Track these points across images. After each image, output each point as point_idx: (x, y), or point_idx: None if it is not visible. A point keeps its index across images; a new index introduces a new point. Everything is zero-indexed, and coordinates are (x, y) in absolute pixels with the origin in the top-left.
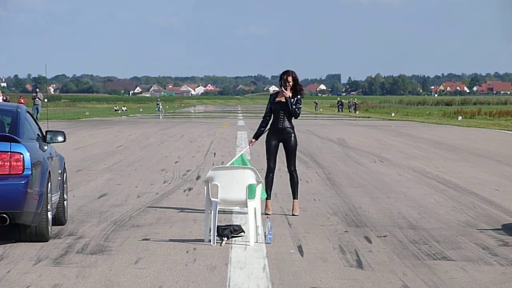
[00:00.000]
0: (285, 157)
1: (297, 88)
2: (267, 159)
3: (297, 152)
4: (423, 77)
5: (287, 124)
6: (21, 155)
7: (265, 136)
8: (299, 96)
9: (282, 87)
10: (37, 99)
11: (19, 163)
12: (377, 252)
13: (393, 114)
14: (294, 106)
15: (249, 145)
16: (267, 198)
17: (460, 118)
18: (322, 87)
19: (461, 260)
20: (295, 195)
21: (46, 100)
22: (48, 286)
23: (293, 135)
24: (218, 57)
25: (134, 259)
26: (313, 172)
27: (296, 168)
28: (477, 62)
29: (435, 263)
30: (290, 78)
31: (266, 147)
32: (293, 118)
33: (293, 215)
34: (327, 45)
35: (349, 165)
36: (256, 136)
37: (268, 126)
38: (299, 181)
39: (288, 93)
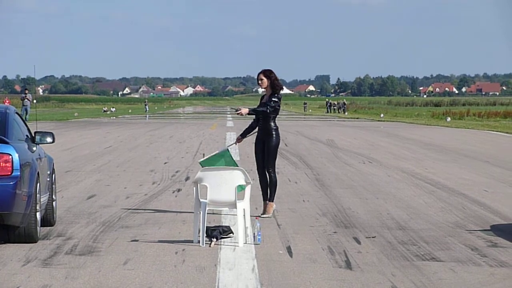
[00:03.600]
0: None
1: (273, 85)
2: (256, 160)
3: (287, 154)
4: (412, 78)
5: (268, 125)
6: (10, 156)
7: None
8: (275, 94)
9: (239, 108)
10: (26, 100)
11: (7, 164)
12: (366, 253)
13: (382, 115)
14: (266, 107)
15: (235, 143)
16: (265, 200)
17: (449, 119)
18: (311, 88)
19: (450, 261)
20: (271, 197)
21: (35, 101)
22: (37, 287)
23: (274, 136)
24: (207, 58)
25: (123, 260)
26: (302, 173)
27: (275, 170)
28: (466, 63)
29: (424, 264)
30: (261, 76)
31: (254, 148)
32: (275, 118)
33: (265, 215)
34: (316, 46)
35: (338, 166)
36: (243, 135)
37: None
38: (288, 181)
39: (245, 111)
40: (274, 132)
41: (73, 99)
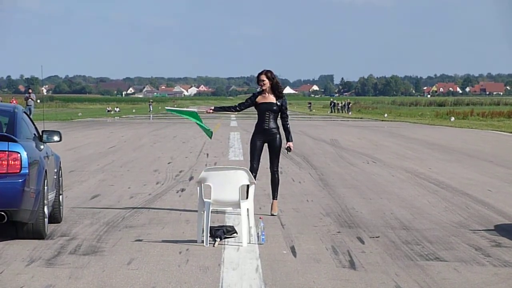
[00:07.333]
0: (268, 157)
1: (275, 87)
2: (250, 159)
3: (291, 154)
4: (416, 78)
5: (272, 124)
6: (19, 155)
7: (250, 136)
8: (285, 98)
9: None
10: (30, 99)
11: (16, 162)
12: (369, 253)
13: (386, 115)
14: (286, 119)
15: (206, 111)
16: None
17: (452, 118)
18: (315, 87)
19: (453, 261)
20: (274, 195)
21: (39, 101)
22: (40, 287)
23: (278, 136)
24: (211, 58)
25: (127, 260)
26: (306, 173)
27: (279, 169)
28: (470, 63)
29: (427, 263)
30: (263, 77)
31: (251, 147)
32: (278, 118)
33: (271, 215)
34: (320, 45)
35: (341, 166)
36: (218, 109)
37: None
38: (292, 181)
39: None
40: (278, 132)
41: (77, 99)
